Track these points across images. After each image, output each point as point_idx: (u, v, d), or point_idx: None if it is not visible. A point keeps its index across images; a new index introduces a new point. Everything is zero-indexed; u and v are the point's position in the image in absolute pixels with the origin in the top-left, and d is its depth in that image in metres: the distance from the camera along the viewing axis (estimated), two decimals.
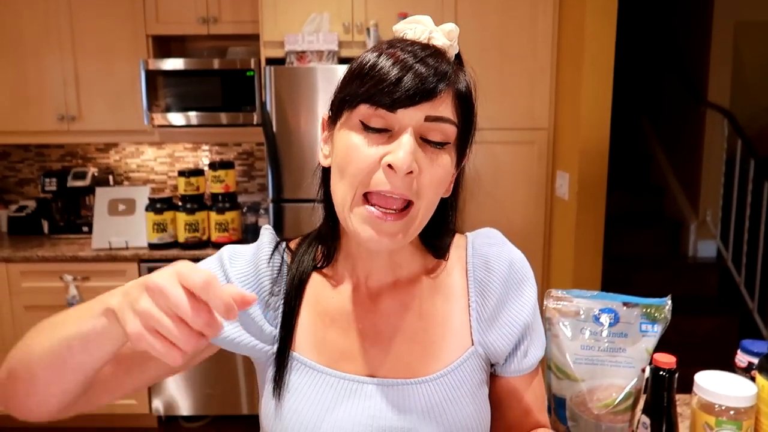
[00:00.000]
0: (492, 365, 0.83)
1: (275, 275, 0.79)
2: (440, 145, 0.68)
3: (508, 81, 2.65)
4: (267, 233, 0.83)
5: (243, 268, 0.78)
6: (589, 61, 2.38)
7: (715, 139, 3.85)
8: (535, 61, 2.64)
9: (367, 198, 0.68)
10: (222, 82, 2.78)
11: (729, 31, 3.82)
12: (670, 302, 1.00)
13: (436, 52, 0.68)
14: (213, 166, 2.84)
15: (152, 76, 2.77)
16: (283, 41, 2.55)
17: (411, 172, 0.66)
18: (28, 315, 2.78)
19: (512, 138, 2.68)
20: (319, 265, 0.81)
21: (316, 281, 0.81)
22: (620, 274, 3.50)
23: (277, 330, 0.78)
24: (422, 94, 0.65)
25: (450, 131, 0.68)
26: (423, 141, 0.68)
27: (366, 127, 0.67)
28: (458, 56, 0.76)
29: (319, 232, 0.83)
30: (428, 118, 0.66)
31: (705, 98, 3.87)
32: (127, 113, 2.90)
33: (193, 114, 2.80)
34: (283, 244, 0.83)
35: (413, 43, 0.69)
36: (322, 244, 0.82)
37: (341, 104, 0.70)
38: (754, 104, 3.91)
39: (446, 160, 0.69)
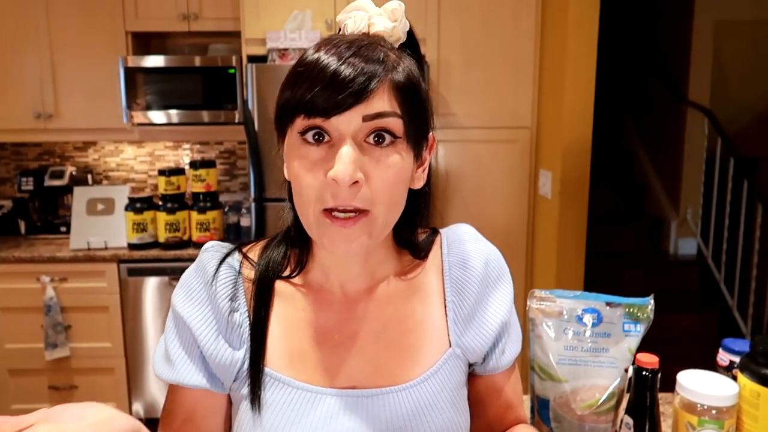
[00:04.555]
0: (470, 365, 0.81)
1: (230, 290, 0.74)
2: (387, 141, 0.64)
3: (491, 79, 2.64)
4: (205, 253, 0.77)
5: (197, 304, 0.73)
6: (572, 59, 2.39)
7: (695, 137, 3.89)
8: (518, 60, 2.64)
9: (325, 210, 0.66)
10: (203, 80, 2.75)
11: (709, 30, 3.86)
12: (652, 302, 1.00)
13: (367, 46, 0.65)
14: (194, 165, 2.80)
15: (131, 74, 2.73)
16: (265, 39, 2.53)
17: (356, 182, 0.63)
18: (4, 317, 2.73)
19: (495, 137, 2.68)
20: (290, 275, 0.77)
21: (285, 291, 0.76)
22: (602, 272, 3.53)
23: (245, 347, 0.73)
24: (352, 97, 0.61)
25: (394, 124, 0.64)
26: (368, 144, 0.65)
27: (305, 141, 0.65)
28: (410, 33, 0.73)
29: (286, 238, 0.79)
30: (365, 118, 0.62)
31: (685, 97, 3.91)
32: (105, 111, 2.85)
33: (173, 112, 2.76)
34: (236, 254, 0.78)
35: (344, 39, 0.65)
36: (293, 251, 0.78)
37: (280, 118, 0.68)
38: (734, 103, 3.96)
39: (396, 159, 0.65)
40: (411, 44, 0.73)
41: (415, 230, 0.80)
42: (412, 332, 0.76)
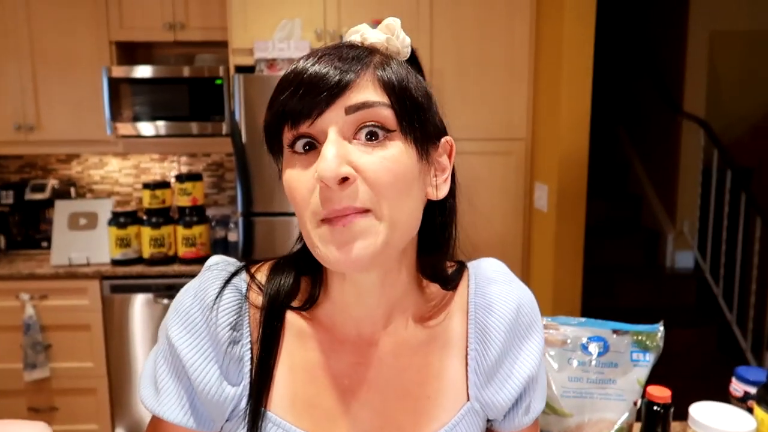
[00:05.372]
0: (488, 420, 0.73)
1: (233, 318, 0.64)
2: (380, 137, 0.57)
3: (485, 91, 2.59)
4: (208, 272, 0.68)
5: (192, 333, 0.64)
6: (568, 70, 2.34)
7: (691, 148, 3.85)
8: (512, 71, 2.59)
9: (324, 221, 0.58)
10: (189, 91, 2.67)
11: (704, 41, 3.83)
12: (662, 329, 0.93)
13: (349, 47, 0.60)
14: (180, 178, 2.72)
15: (116, 84, 2.65)
16: (253, 49, 2.46)
17: (347, 179, 0.55)
18: None
19: (489, 149, 2.62)
20: (300, 306, 0.68)
21: (294, 325, 0.67)
22: (598, 285, 3.47)
23: (244, 384, 0.65)
24: (329, 90, 0.56)
25: (384, 114, 0.57)
26: (358, 141, 0.58)
27: (295, 152, 0.59)
28: (413, 55, 0.66)
29: (296, 263, 0.70)
30: (348, 110, 0.56)
31: (681, 108, 3.87)
32: (89, 123, 2.77)
33: (158, 124, 2.69)
34: (243, 274, 0.68)
35: (326, 46, 0.61)
36: (304, 279, 0.69)
37: (268, 136, 0.62)
38: (730, 114, 3.93)
39: (394, 151, 0.57)
40: (413, 65, 0.67)
41: (443, 255, 0.70)
42: (428, 382, 0.68)
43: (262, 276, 0.69)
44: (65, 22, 2.72)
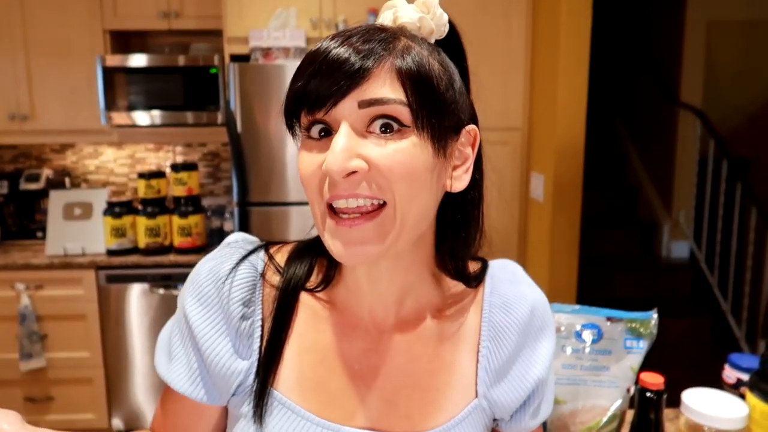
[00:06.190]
0: (494, 420, 0.72)
1: (245, 294, 0.65)
2: (394, 129, 0.56)
3: (481, 79, 2.56)
4: (227, 248, 0.69)
5: (206, 308, 0.65)
6: (565, 60, 2.33)
7: (687, 139, 3.85)
8: (509, 60, 2.58)
9: (334, 210, 0.58)
10: (184, 80, 2.66)
11: (701, 31, 3.82)
12: (656, 316, 0.94)
13: (374, 30, 0.58)
14: (175, 167, 2.72)
15: (110, 73, 2.64)
16: (248, 37, 2.45)
17: (354, 172, 0.55)
18: None
19: (485, 138, 2.59)
20: (314, 288, 0.68)
21: (308, 306, 0.67)
22: (594, 276, 3.47)
23: (252, 360, 0.65)
24: (345, 79, 0.54)
25: (398, 111, 0.55)
26: (371, 133, 0.56)
27: (310, 137, 0.59)
28: (452, 31, 0.66)
29: (315, 245, 0.69)
30: (361, 104, 0.55)
31: (678, 98, 3.87)
32: (83, 112, 2.76)
33: (153, 113, 2.67)
34: (261, 253, 0.68)
35: (354, 27, 0.59)
36: (320, 260, 0.69)
37: (287, 117, 0.61)
38: (727, 104, 3.92)
39: (406, 145, 0.56)
40: (452, 42, 0.66)
41: (464, 250, 0.69)
42: (438, 374, 0.68)
43: (281, 257, 0.69)
44: (59, 11, 2.70)
